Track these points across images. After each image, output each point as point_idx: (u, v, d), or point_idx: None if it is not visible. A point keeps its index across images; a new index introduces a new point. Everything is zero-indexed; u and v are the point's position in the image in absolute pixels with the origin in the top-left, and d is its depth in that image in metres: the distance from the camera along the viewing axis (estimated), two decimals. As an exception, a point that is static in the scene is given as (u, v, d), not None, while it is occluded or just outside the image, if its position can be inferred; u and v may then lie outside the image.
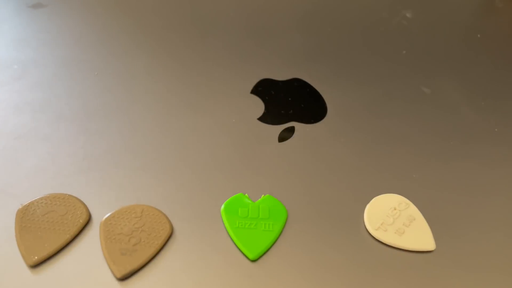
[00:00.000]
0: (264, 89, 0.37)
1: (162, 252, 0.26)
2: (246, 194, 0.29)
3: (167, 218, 0.27)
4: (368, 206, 0.29)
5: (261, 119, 0.35)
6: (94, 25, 0.43)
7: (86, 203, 0.28)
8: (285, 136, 0.33)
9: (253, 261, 0.26)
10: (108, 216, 0.27)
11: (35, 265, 0.25)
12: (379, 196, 0.30)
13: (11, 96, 0.35)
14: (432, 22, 0.47)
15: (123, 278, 0.25)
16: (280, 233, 0.27)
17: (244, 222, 0.27)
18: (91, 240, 0.26)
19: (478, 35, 0.45)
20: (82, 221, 0.27)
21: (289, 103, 0.36)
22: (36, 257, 0.25)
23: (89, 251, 0.26)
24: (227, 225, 0.27)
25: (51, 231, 0.26)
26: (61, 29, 0.42)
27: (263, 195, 0.29)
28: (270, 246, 0.27)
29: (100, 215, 0.27)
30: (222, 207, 0.28)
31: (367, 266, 0.26)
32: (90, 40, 0.41)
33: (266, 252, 0.26)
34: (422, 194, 0.30)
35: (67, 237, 0.26)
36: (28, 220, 0.27)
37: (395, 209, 0.29)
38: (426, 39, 0.44)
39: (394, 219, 0.28)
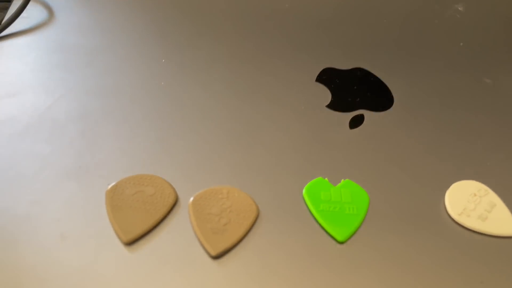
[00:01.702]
0: (328, 78, 0.38)
1: (251, 233, 0.26)
2: (326, 179, 0.29)
3: (252, 199, 0.28)
4: (448, 192, 0.29)
5: (330, 106, 0.35)
6: (159, 14, 0.43)
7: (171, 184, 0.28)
8: (356, 123, 0.34)
9: (342, 243, 0.26)
10: (196, 196, 0.27)
11: (130, 243, 0.25)
12: (457, 182, 0.30)
13: (84, 81, 0.35)
14: (486, 13, 0.47)
15: (217, 256, 0.25)
16: (364, 217, 0.28)
17: (328, 205, 0.28)
18: (181, 220, 0.27)
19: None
20: (171, 201, 0.27)
21: (355, 91, 0.36)
22: (131, 235, 0.25)
23: (180, 230, 0.26)
24: (311, 208, 0.28)
25: (142, 210, 0.26)
26: (124, 15, 0.43)
27: (343, 180, 0.29)
28: (357, 228, 0.27)
29: (185, 196, 0.28)
30: (304, 190, 0.29)
31: (452, 251, 0.27)
32: (155, 27, 0.41)
33: (353, 235, 0.27)
34: (499, 181, 0.30)
35: (158, 216, 0.26)
36: (118, 199, 0.27)
37: (475, 195, 0.29)
38: (481, 31, 0.44)
39: (475, 204, 0.29)
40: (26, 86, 0.35)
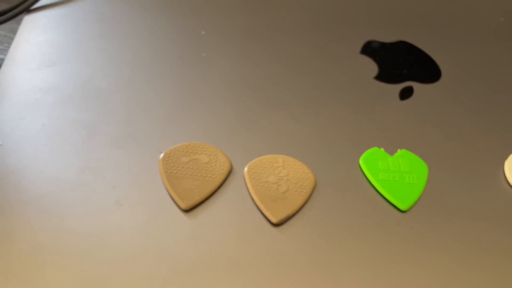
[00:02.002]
0: (373, 50, 0.37)
1: (310, 201, 0.26)
2: (382, 148, 0.29)
3: (308, 168, 0.27)
4: (507, 161, 0.29)
5: (378, 77, 0.34)
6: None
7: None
8: (406, 94, 0.33)
9: (404, 212, 0.26)
10: (251, 165, 0.27)
11: (189, 209, 0.25)
12: (515, 152, 0.29)
13: (125, 51, 0.34)
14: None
15: (279, 224, 0.24)
16: (425, 186, 0.27)
17: (388, 175, 0.27)
18: (237, 188, 0.26)
19: None
20: (226, 169, 0.26)
21: (401, 63, 0.36)
22: (189, 202, 0.25)
23: (237, 198, 0.26)
24: (370, 177, 0.27)
25: (197, 178, 0.26)
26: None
27: (399, 150, 0.29)
28: (419, 197, 0.26)
29: (239, 164, 0.27)
30: (360, 160, 0.28)
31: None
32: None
33: (415, 204, 0.26)
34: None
35: (215, 183, 0.26)
36: (172, 166, 0.26)
37: (535, 165, 0.28)
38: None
39: (536, 174, 0.28)
40: (65, 56, 0.34)
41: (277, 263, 0.23)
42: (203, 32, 0.37)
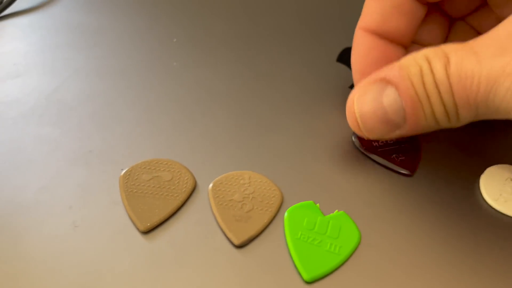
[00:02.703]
0: (349, 57, 0.36)
1: (276, 220, 0.25)
2: (318, 204, 0.25)
3: (275, 185, 0.26)
4: (482, 176, 0.28)
5: (353, 87, 0.33)
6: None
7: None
8: (381, 105, 0.32)
9: (307, 283, 0.22)
10: (216, 182, 0.26)
11: (147, 231, 0.24)
12: (491, 167, 0.28)
13: (92, 61, 0.33)
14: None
15: (241, 245, 0.23)
16: (345, 260, 0.23)
17: (308, 236, 0.24)
18: (200, 207, 0.25)
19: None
20: (189, 187, 0.25)
21: (378, 72, 0.35)
22: (148, 224, 0.24)
23: (200, 218, 0.25)
24: (288, 233, 0.24)
25: (159, 197, 0.25)
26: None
27: (336, 211, 0.25)
28: (332, 271, 0.23)
29: (204, 182, 0.26)
30: (286, 213, 0.25)
31: (490, 239, 0.25)
32: (167, 4, 0.39)
33: (324, 277, 0.23)
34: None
35: (177, 203, 0.25)
36: (133, 185, 0.25)
37: (511, 180, 0.27)
38: None
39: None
40: (31, 67, 0.33)
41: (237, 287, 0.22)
42: (175, 40, 0.36)
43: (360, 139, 0.29)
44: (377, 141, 0.29)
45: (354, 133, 0.29)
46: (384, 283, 0.23)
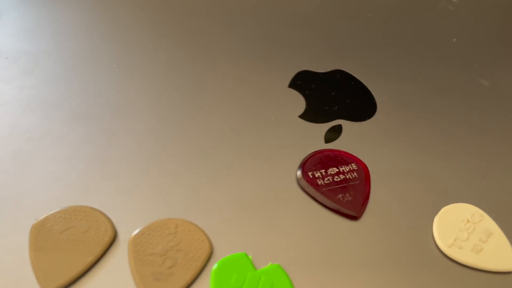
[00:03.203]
0: (304, 82, 0.33)
1: (203, 275, 0.22)
2: (250, 256, 0.23)
3: (205, 234, 0.23)
4: (436, 218, 0.25)
5: (303, 116, 0.31)
6: (112, 14, 0.39)
7: (110, 217, 0.24)
8: (332, 136, 0.29)
9: None
10: (137, 232, 0.23)
11: (55, 293, 0.21)
12: (448, 206, 0.26)
13: (21, 93, 0.31)
14: (480, 5, 0.42)
15: (158, 309, 0.21)
16: None
17: None
18: (118, 262, 0.23)
19: (534, 20, 0.41)
20: (107, 239, 0.23)
21: (333, 98, 0.32)
22: (55, 284, 0.21)
23: (116, 276, 0.22)
24: None
25: (71, 251, 0.22)
26: (76, 17, 0.38)
27: (270, 264, 0.23)
28: None
29: (127, 232, 0.24)
30: (215, 266, 0.22)
31: (441, 290, 0.22)
32: (108, 30, 0.37)
33: None
34: (496, 203, 0.26)
35: (90, 259, 0.22)
36: (44, 238, 0.23)
37: (468, 221, 0.25)
38: (476, 24, 0.40)
39: (468, 234, 0.24)
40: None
41: None
42: (115, 66, 0.33)
43: (305, 176, 0.26)
44: (322, 178, 0.26)
45: (299, 168, 0.27)
46: None
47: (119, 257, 0.23)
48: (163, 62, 0.34)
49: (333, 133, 0.30)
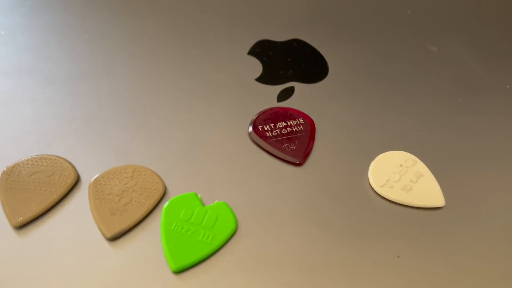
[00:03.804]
0: (262, 50, 0.36)
1: (156, 211, 0.25)
2: (199, 195, 0.25)
3: (159, 177, 0.26)
4: (372, 163, 0.27)
5: (259, 79, 0.33)
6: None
7: (75, 165, 0.26)
8: (284, 96, 0.32)
9: (174, 273, 0.22)
10: (98, 176, 0.26)
11: (20, 226, 0.24)
12: (384, 153, 0.28)
13: (-3, 61, 0.33)
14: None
15: (113, 238, 0.23)
16: (216, 250, 0.23)
17: (181, 226, 0.24)
18: (80, 201, 0.25)
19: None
20: (69, 181, 0.25)
21: (289, 63, 0.34)
22: (21, 218, 0.24)
23: (77, 212, 0.25)
24: (163, 224, 0.24)
25: (37, 192, 0.25)
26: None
27: (217, 201, 0.25)
28: (200, 261, 0.23)
29: (89, 177, 0.26)
30: (166, 204, 0.25)
31: (373, 224, 0.25)
32: (79, 4, 0.39)
33: (192, 267, 0.22)
34: (429, 151, 0.28)
35: (54, 197, 0.25)
36: (13, 181, 0.25)
37: (401, 165, 0.27)
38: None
39: (400, 175, 0.27)
40: None
41: (109, 282, 0.22)
42: (86, 37, 0.36)
43: (256, 129, 0.29)
44: (271, 130, 0.29)
45: (250, 123, 0.29)
46: (253, 272, 0.23)
47: (80, 198, 0.25)
48: (129, 31, 0.36)
49: (286, 93, 0.32)
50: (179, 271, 0.22)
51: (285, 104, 0.31)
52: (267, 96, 0.32)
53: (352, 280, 0.22)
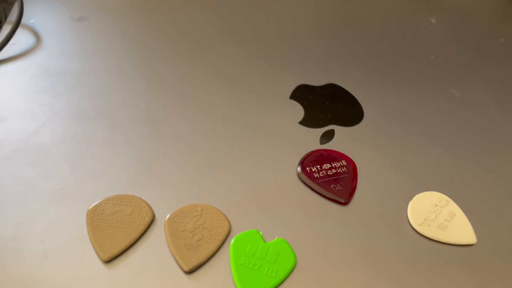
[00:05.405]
0: (302, 94, 0.39)
1: (223, 247, 0.28)
2: (261, 233, 0.29)
3: (225, 215, 0.29)
4: (410, 203, 0.31)
5: (302, 122, 0.37)
6: (136, 36, 0.45)
7: (148, 203, 0.30)
8: (326, 138, 0.36)
9: None
10: (171, 214, 0.29)
11: (109, 260, 0.27)
12: (420, 193, 0.32)
13: (69, 105, 0.37)
14: (456, 27, 0.49)
15: (190, 271, 0.27)
16: (280, 283, 0.27)
17: (249, 261, 0.27)
18: (157, 237, 0.29)
19: (502, 40, 0.47)
20: (148, 219, 0.29)
21: (327, 107, 0.38)
22: (109, 253, 0.27)
23: (156, 247, 0.28)
24: (232, 259, 0.27)
25: (120, 229, 0.28)
26: (106, 40, 0.45)
27: (277, 237, 0.29)
28: None
29: (162, 214, 0.30)
30: (232, 240, 0.28)
31: (413, 260, 0.28)
32: (135, 51, 0.43)
33: None
34: (460, 191, 0.32)
35: (136, 234, 0.28)
36: (98, 219, 0.29)
37: (436, 205, 0.31)
38: (452, 44, 0.46)
39: (436, 215, 0.30)
40: (14, 111, 0.37)
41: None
42: (144, 82, 0.40)
43: (304, 170, 0.32)
44: (318, 172, 0.32)
45: (298, 164, 0.33)
46: None
47: (157, 234, 0.29)
48: (183, 78, 0.40)
49: (327, 136, 0.36)
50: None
51: (327, 146, 0.35)
52: (311, 139, 0.35)
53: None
